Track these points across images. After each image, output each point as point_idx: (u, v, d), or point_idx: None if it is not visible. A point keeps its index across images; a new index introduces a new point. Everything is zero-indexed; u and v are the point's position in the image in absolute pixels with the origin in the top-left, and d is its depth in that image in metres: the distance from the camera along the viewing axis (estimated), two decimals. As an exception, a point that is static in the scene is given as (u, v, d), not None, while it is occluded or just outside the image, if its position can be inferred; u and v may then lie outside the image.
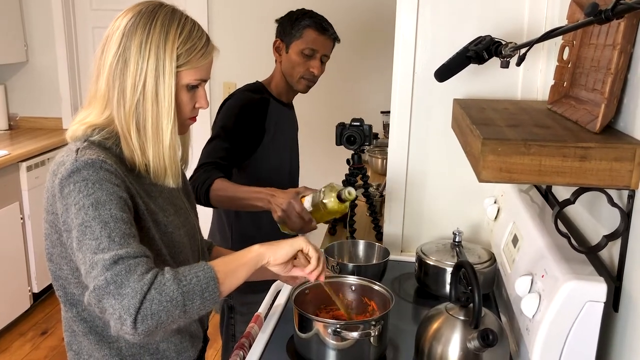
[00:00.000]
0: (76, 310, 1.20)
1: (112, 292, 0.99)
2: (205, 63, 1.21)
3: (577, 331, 1.06)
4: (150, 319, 0.99)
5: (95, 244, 1.03)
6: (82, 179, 1.07)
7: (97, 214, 1.05)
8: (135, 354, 1.23)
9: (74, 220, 1.06)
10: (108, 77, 1.16)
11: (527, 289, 1.20)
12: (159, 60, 1.15)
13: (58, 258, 1.17)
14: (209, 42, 1.22)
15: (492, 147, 1.03)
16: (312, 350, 1.33)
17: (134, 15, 1.17)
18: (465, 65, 1.51)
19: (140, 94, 1.15)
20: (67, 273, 1.17)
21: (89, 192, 1.06)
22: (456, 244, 1.67)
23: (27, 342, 3.32)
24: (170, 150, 1.19)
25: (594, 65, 1.20)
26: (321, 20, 1.98)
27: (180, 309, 1.02)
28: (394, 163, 1.93)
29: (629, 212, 1.05)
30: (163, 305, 1.00)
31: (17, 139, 3.70)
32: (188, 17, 1.21)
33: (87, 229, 1.04)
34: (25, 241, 3.47)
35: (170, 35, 1.16)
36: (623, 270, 1.07)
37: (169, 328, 1.03)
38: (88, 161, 1.09)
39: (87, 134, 1.17)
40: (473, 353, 1.16)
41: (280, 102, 2.07)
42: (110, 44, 1.16)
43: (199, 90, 1.23)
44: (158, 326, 1.01)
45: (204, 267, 1.07)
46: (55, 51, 3.90)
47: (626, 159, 1.00)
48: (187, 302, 1.03)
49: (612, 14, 0.86)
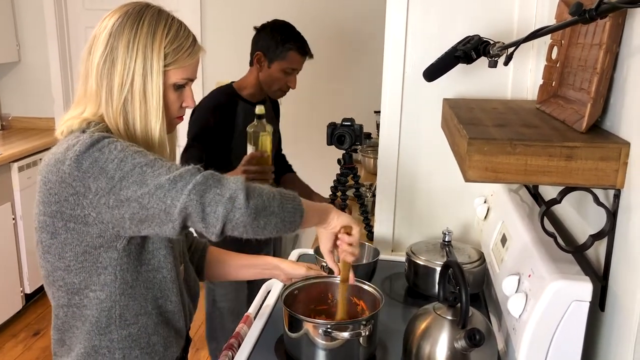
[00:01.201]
0: (78, 298, 1.19)
1: (214, 184, 1.06)
2: (192, 62, 1.23)
3: (563, 331, 1.06)
4: (259, 198, 1.07)
5: (165, 169, 1.08)
6: (107, 143, 1.10)
7: (143, 155, 1.09)
8: (125, 347, 1.22)
9: (118, 173, 1.07)
10: (97, 77, 1.18)
11: (514, 288, 1.20)
12: (146, 59, 1.16)
13: (60, 246, 1.16)
14: (196, 42, 1.24)
15: (478, 146, 1.03)
16: (301, 350, 1.33)
17: (120, 15, 1.18)
18: (453, 65, 1.51)
19: (128, 92, 1.17)
20: (70, 260, 1.16)
21: (123, 147, 1.10)
22: (446, 243, 1.67)
23: (19, 343, 3.31)
24: (159, 149, 1.21)
25: (581, 65, 1.20)
26: (303, 44, 2.20)
27: (279, 202, 1.11)
28: (385, 163, 1.93)
29: (615, 211, 1.05)
30: (265, 192, 1.10)
31: (9, 139, 3.69)
32: (175, 17, 1.23)
33: (145, 166, 1.08)
34: (17, 242, 3.46)
35: (158, 35, 1.17)
36: (609, 269, 1.08)
37: (269, 222, 1.10)
38: (104, 134, 1.12)
39: (83, 126, 1.18)
40: (460, 353, 1.16)
41: (251, 102, 2.20)
42: (98, 44, 1.18)
43: (185, 89, 1.25)
44: (264, 209, 1.08)
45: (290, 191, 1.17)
46: (48, 51, 3.89)
47: (612, 159, 1.01)
48: (283, 200, 1.12)
49: (595, 13, 0.87)
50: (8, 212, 3.37)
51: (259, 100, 2.24)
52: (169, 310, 1.27)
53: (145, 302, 1.23)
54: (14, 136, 3.78)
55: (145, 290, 1.22)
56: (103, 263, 1.17)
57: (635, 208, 0.98)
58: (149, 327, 1.24)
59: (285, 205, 1.12)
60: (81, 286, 1.18)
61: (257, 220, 1.07)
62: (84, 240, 1.14)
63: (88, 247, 1.15)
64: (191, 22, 1.26)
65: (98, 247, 1.15)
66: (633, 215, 0.99)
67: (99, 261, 1.16)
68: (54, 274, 1.20)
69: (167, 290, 1.25)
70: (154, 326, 1.24)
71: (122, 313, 1.20)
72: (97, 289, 1.18)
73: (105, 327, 1.21)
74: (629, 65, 1.03)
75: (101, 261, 1.16)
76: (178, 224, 1.06)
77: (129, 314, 1.21)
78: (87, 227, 1.13)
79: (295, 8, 3.56)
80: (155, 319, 1.24)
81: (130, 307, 1.21)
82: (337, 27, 3.59)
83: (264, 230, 1.10)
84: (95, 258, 1.16)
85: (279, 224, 1.11)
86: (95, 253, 1.16)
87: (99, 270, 1.17)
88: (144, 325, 1.23)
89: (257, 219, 1.07)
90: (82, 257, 1.16)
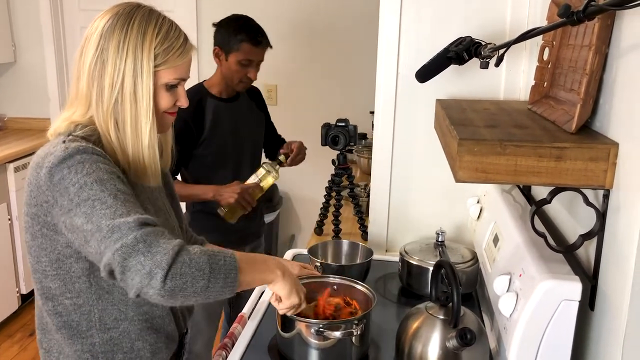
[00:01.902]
0: (52, 304, 1.20)
1: (142, 250, 1.00)
2: (183, 62, 1.22)
3: (553, 330, 1.07)
4: (179, 279, 1.00)
5: (111, 211, 1.04)
6: (77, 162, 1.08)
7: (103, 187, 1.06)
8: (107, 351, 1.22)
9: (76, 199, 1.06)
10: (87, 78, 1.18)
11: (505, 288, 1.20)
12: (136, 60, 1.16)
13: (37, 250, 1.17)
14: (187, 42, 1.24)
15: (468, 147, 1.04)
16: (294, 350, 1.33)
17: (111, 16, 1.18)
18: (446, 66, 1.52)
19: (119, 93, 1.17)
20: (45, 265, 1.18)
21: (89, 171, 1.07)
22: (439, 243, 1.67)
23: (15, 343, 3.31)
24: (150, 150, 1.21)
25: (571, 66, 1.21)
26: (255, 34, 2.17)
27: (205, 282, 1.04)
28: (379, 163, 1.94)
29: (604, 211, 1.06)
30: (192, 271, 1.02)
31: (5, 140, 3.68)
32: (165, 17, 1.23)
33: (97, 201, 1.05)
34: (13, 242, 3.45)
35: (148, 36, 1.17)
36: (599, 269, 1.08)
37: (186, 300, 1.04)
38: (80, 147, 1.10)
39: (71, 129, 1.18)
40: (452, 352, 1.17)
41: (221, 98, 2.26)
42: (89, 46, 1.18)
43: (178, 89, 1.25)
44: (182, 290, 1.01)
45: (230, 254, 1.10)
46: (43, 51, 3.88)
47: (601, 159, 1.01)
48: (211, 278, 1.04)
49: (583, 15, 0.87)
50: (4, 212, 3.36)
51: (230, 95, 2.28)
52: (157, 315, 1.26)
53: (126, 307, 1.21)
54: (10, 137, 3.77)
55: (123, 296, 1.21)
56: (76, 272, 1.17)
57: (624, 208, 0.99)
58: (132, 332, 1.23)
59: (213, 285, 1.05)
60: (56, 292, 1.19)
61: (173, 299, 1.03)
62: (55, 248, 1.15)
63: (60, 255, 1.16)
64: (187, 22, 1.26)
65: (69, 257, 1.16)
66: (622, 215, 1.00)
67: (72, 270, 1.17)
68: (34, 276, 1.21)
69: None
70: (137, 332, 1.23)
71: (101, 317, 1.20)
72: (74, 295, 1.19)
73: (86, 330, 1.21)
74: (618, 66, 1.04)
75: (74, 270, 1.17)
76: (105, 273, 1.04)
77: (108, 318, 1.21)
78: (57, 235, 1.14)
79: (289, 8, 3.57)
80: (138, 325, 1.23)
81: (109, 312, 1.20)
82: (331, 28, 3.59)
83: (182, 304, 1.06)
84: (68, 267, 1.17)
85: (201, 300, 1.07)
86: (67, 262, 1.16)
87: (73, 279, 1.18)
88: (126, 330, 1.22)
89: (174, 299, 1.02)
90: (55, 265, 1.17)
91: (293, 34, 3.56)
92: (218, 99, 2.25)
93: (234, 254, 1.12)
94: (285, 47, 3.47)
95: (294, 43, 3.57)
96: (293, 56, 3.59)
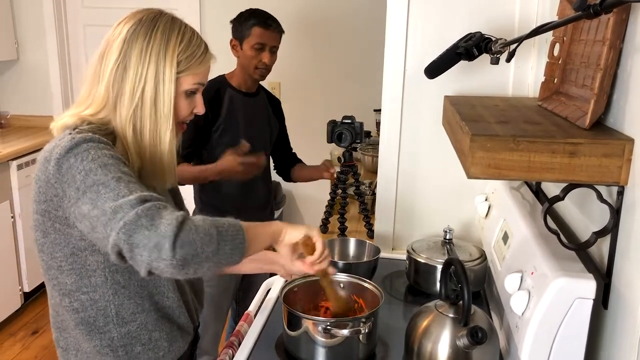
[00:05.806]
0: (68, 300, 1.20)
1: (145, 225, 0.98)
2: (204, 69, 1.25)
3: (567, 328, 1.05)
4: (189, 246, 0.98)
5: (114, 194, 1.02)
6: (83, 150, 1.08)
7: (107, 171, 1.05)
8: (126, 345, 1.22)
9: (82, 186, 1.05)
10: (108, 83, 1.18)
11: (517, 286, 1.19)
12: (159, 67, 1.18)
13: (51, 246, 1.16)
14: (207, 50, 1.26)
15: (481, 143, 1.02)
16: (301, 348, 1.32)
17: (134, 23, 1.19)
18: (455, 62, 1.51)
19: (139, 99, 1.18)
20: (61, 260, 1.17)
21: (94, 157, 1.07)
22: (447, 241, 1.66)
23: (17, 342, 3.30)
24: (169, 155, 1.23)
25: (584, 62, 1.19)
26: (265, 18, 2.26)
27: (215, 245, 1.02)
28: (385, 161, 1.92)
29: (618, 208, 1.04)
30: (200, 236, 1.00)
31: (8, 138, 3.67)
32: (187, 25, 1.25)
33: (101, 186, 1.04)
34: (15, 240, 3.44)
35: (171, 43, 1.19)
36: (612, 267, 1.07)
37: (199, 268, 1.01)
38: (86, 137, 1.10)
39: (78, 124, 1.18)
40: (462, 351, 1.16)
41: (240, 91, 2.31)
42: (111, 51, 1.18)
43: (197, 96, 1.27)
44: (193, 257, 0.99)
45: (233, 220, 1.08)
46: (46, 49, 3.87)
47: (615, 155, 1.00)
48: (220, 242, 1.03)
49: (600, 8, 0.86)
50: (7, 210, 3.35)
51: (249, 89, 2.32)
52: (167, 306, 1.26)
53: (142, 300, 1.22)
54: (13, 134, 3.76)
55: (140, 289, 1.21)
56: (92, 266, 1.17)
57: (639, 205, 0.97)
58: (149, 323, 1.23)
59: (222, 248, 1.03)
60: (72, 288, 1.18)
61: (186, 269, 1.00)
62: (69, 242, 1.15)
63: (75, 249, 1.15)
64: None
65: (84, 250, 1.15)
66: (637, 212, 0.98)
67: (87, 264, 1.16)
68: (49, 273, 1.20)
69: (162, 287, 1.24)
70: (154, 322, 1.24)
71: (118, 311, 1.20)
72: (90, 290, 1.18)
73: (104, 325, 1.20)
74: (633, 61, 1.03)
75: (89, 264, 1.16)
76: (114, 256, 1.02)
77: (125, 312, 1.21)
78: (70, 229, 1.13)
79: (294, 6, 3.55)
80: (154, 315, 1.24)
81: (126, 306, 1.20)
82: (337, 25, 3.58)
83: (195, 274, 1.04)
84: (84, 260, 1.16)
85: (212, 267, 1.04)
86: (82, 255, 1.16)
87: (89, 273, 1.17)
88: (143, 322, 1.22)
89: (186, 268, 1.00)
90: (71, 259, 1.16)
91: (296, 32, 3.55)
92: (236, 91, 2.29)
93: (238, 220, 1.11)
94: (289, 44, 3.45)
95: (297, 40, 3.55)
96: (296, 54, 3.57)
